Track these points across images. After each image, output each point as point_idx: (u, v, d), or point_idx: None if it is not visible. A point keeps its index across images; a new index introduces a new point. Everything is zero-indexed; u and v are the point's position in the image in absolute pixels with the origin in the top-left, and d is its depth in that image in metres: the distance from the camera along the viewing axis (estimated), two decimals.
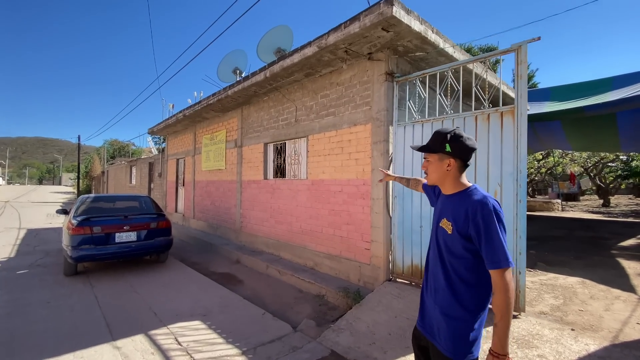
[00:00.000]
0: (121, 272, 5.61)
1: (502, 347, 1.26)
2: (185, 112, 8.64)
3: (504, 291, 1.26)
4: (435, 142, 1.50)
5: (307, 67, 4.98)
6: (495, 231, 1.30)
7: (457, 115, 3.73)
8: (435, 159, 1.51)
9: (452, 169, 1.48)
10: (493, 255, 1.29)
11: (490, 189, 3.43)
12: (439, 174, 1.51)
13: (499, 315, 1.27)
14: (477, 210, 1.34)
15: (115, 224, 5.29)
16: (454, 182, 1.50)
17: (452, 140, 1.46)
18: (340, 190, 4.91)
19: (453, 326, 1.39)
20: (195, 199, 9.84)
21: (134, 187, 16.86)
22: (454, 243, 1.41)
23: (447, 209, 1.49)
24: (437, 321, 1.46)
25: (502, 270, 1.27)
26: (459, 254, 1.41)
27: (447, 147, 1.46)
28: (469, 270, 1.39)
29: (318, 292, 4.57)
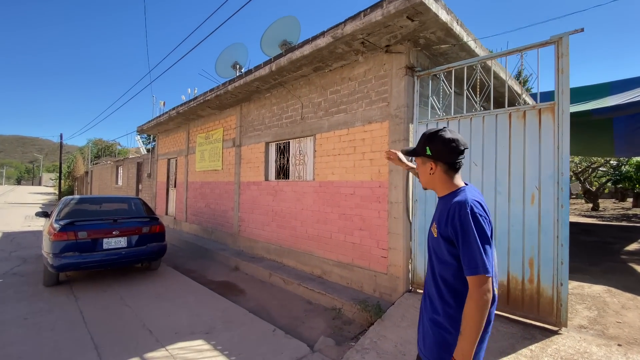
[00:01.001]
0: (108, 281, 5.10)
1: (463, 356, 1.19)
2: (179, 109, 8.16)
3: (475, 300, 1.18)
4: (418, 144, 1.42)
5: (318, 61, 4.63)
6: (472, 235, 1.21)
7: (487, 113, 3.44)
8: (420, 163, 1.44)
9: (436, 172, 1.39)
10: (469, 260, 1.21)
11: (527, 192, 3.15)
12: (425, 178, 1.43)
13: (464, 322, 1.20)
14: (455, 213, 1.26)
15: (103, 229, 4.79)
16: (443, 185, 1.41)
17: (429, 140, 1.37)
18: (352, 192, 4.57)
19: (439, 335, 1.32)
20: (188, 201, 9.32)
21: (120, 189, 16.09)
22: (440, 247, 1.35)
23: (436, 212, 1.44)
24: (425, 329, 1.40)
25: (478, 277, 1.19)
26: (443, 258, 1.33)
27: (427, 150, 1.37)
28: (455, 277, 1.31)
29: (330, 304, 4.19)
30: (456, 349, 1.22)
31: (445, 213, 1.32)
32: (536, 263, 3.09)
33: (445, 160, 1.37)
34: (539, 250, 3.07)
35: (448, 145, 1.35)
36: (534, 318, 3.10)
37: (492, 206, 3.34)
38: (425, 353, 1.37)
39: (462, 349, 1.20)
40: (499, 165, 3.33)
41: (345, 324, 3.74)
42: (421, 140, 1.42)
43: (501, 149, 3.33)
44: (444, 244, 1.32)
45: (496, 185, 3.34)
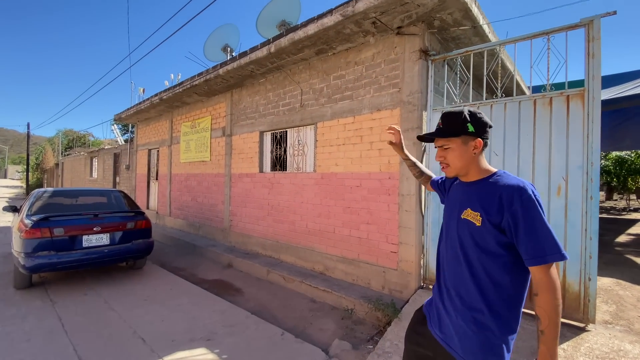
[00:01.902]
0: (89, 282, 4.63)
1: (552, 357, 1.07)
2: (162, 95, 7.58)
3: (552, 290, 1.07)
4: (454, 124, 1.28)
5: (322, 42, 4.29)
6: (539, 219, 1.10)
7: (509, 100, 3.25)
8: (457, 144, 1.29)
9: (479, 150, 1.29)
10: (537, 248, 1.08)
11: (553, 183, 2.99)
12: (465, 160, 1.29)
13: (546, 320, 1.08)
14: (514, 197, 1.14)
15: (83, 225, 4.31)
16: (479, 167, 1.30)
17: (472, 117, 1.27)
18: (358, 185, 4.30)
19: (483, 336, 1.19)
20: (172, 195, 8.78)
21: (95, 181, 15.13)
22: (486, 237, 1.19)
23: (470, 198, 1.28)
24: (457, 329, 1.25)
25: (548, 266, 1.08)
26: (492, 250, 1.18)
27: (470, 127, 1.26)
28: (504, 270, 1.18)
29: (337, 302, 3.94)
30: (540, 351, 1.09)
31: (496, 198, 1.19)
32: None
33: (486, 137, 1.30)
34: (565, 244, 2.92)
35: (484, 120, 1.29)
36: (561, 315, 2.96)
37: None
38: (464, 356, 1.23)
39: (549, 350, 1.07)
40: (522, 155, 3.15)
41: (356, 324, 3.51)
42: (456, 119, 1.28)
43: (524, 138, 3.15)
44: (494, 233, 1.18)
45: (519, 176, 3.15)
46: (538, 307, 1.11)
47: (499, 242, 1.18)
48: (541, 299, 1.10)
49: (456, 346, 1.26)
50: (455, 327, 1.27)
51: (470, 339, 1.22)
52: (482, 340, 1.20)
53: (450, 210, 1.40)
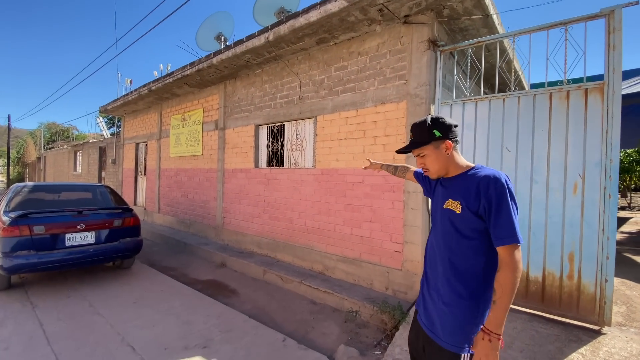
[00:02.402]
0: (72, 283, 4.34)
1: (497, 326, 1.20)
2: (151, 85, 7.22)
3: (512, 269, 1.20)
4: (422, 134, 1.42)
5: (324, 31, 4.07)
6: (507, 205, 1.24)
7: (523, 93, 3.10)
8: (430, 150, 1.42)
9: (451, 150, 1.40)
10: (501, 229, 1.22)
11: (569, 181, 2.86)
12: (441, 161, 1.42)
13: (499, 292, 1.21)
14: (489, 184, 1.27)
15: (66, 222, 4.01)
16: (456, 163, 1.43)
17: (434, 124, 1.40)
18: (360, 181, 4.12)
19: (456, 315, 1.31)
20: (160, 190, 8.44)
21: (79, 176, 14.55)
22: (464, 223, 1.32)
23: (451, 190, 1.41)
24: (439, 313, 1.36)
25: (513, 246, 1.21)
26: (469, 235, 1.31)
27: (436, 133, 1.38)
28: (477, 252, 1.30)
29: (339, 304, 3.77)
30: (489, 318, 1.22)
31: (474, 187, 1.31)
32: (577, 258, 2.83)
33: (453, 137, 1.40)
34: (580, 244, 2.81)
35: (447, 123, 1.39)
36: (573, 317, 2.86)
37: (527, 196, 3.04)
38: (448, 340, 1.33)
39: (497, 318, 1.20)
40: (536, 152, 3.02)
41: (360, 327, 3.34)
42: (422, 129, 1.42)
43: (539, 134, 3.01)
44: (472, 217, 1.30)
45: (532, 174, 3.03)
46: (496, 281, 1.23)
47: (476, 227, 1.30)
48: (500, 275, 1.22)
49: (437, 330, 1.37)
50: (438, 312, 1.37)
51: (449, 321, 1.33)
52: (460, 321, 1.31)
53: (435, 203, 1.52)
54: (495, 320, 1.21)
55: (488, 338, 1.21)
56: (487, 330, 1.22)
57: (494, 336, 1.20)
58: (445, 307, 1.34)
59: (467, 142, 3.38)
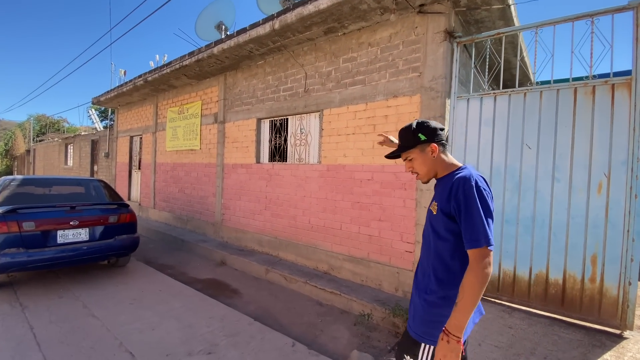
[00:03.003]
0: (64, 282, 4.11)
1: (456, 328, 1.19)
2: (147, 76, 6.95)
3: (475, 272, 1.18)
4: (407, 139, 1.45)
5: (333, 19, 3.88)
6: (476, 208, 1.21)
7: (546, 88, 2.96)
8: (417, 154, 1.45)
9: (437, 152, 1.42)
10: (472, 233, 1.21)
11: (593, 180, 2.74)
12: (428, 164, 1.45)
13: (461, 294, 1.20)
14: (459, 187, 1.27)
15: (58, 218, 3.78)
16: (444, 165, 1.44)
17: (419, 128, 1.42)
18: (369, 178, 3.96)
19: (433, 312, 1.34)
20: (156, 185, 8.19)
21: (70, 170, 14.14)
22: (439, 223, 1.36)
23: (437, 191, 1.45)
24: (415, 305, 1.43)
25: (480, 250, 1.19)
26: (442, 235, 1.34)
27: (421, 136, 1.41)
28: (452, 254, 1.33)
29: (346, 305, 3.62)
30: (449, 320, 1.21)
31: (448, 189, 1.32)
32: (600, 260, 2.72)
33: (439, 140, 1.41)
34: (604, 246, 2.70)
35: (432, 126, 1.41)
36: (594, 321, 2.75)
37: (549, 195, 2.91)
38: (415, 330, 1.39)
39: (457, 320, 1.19)
40: (558, 149, 2.89)
41: (371, 330, 3.20)
42: (407, 134, 1.45)
43: (562, 130, 2.88)
44: (444, 219, 1.33)
45: (554, 172, 2.90)
46: (461, 283, 1.22)
47: (448, 228, 1.32)
48: (465, 278, 1.21)
49: (410, 318, 1.44)
50: (414, 303, 1.44)
51: (419, 312, 1.39)
52: (430, 317, 1.34)
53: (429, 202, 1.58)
54: (454, 321, 1.19)
55: (447, 339, 1.20)
56: (447, 331, 1.21)
57: (453, 338, 1.19)
58: (419, 300, 1.40)
59: (484, 138, 3.24)
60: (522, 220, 3.03)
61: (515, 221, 3.06)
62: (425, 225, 1.50)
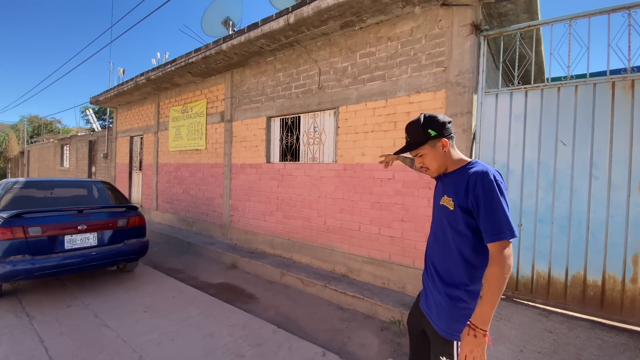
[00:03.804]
0: (71, 289, 3.93)
1: (483, 322, 1.19)
2: (149, 74, 6.74)
3: (499, 265, 1.18)
4: (416, 135, 1.43)
5: (352, 13, 3.73)
6: (497, 201, 1.22)
7: (581, 82, 2.85)
8: (428, 150, 1.44)
9: (447, 147, 1.42)
10: (493, 226, 1.21)
11: (634, 177, 2.63)
12: (439, 160, 1.44)
13: (486, 287, 1.19)
14: (477, 181, 1.27)
15: (65, 223, 3.59)
16: (454, 159, 1.44)
17: (428, 123, 1.41)
18: (390, 177, 3.83)
19: (454, 307, 1.35)
20: (159, 187, 7.98)
21: (67, 171, 13.82)
22: (457, 220, 1.34)
23: (448, 185, 1.43)
24: (437, 302, 1.41)
25: (502, 242, 1.20)
26: (462, 231, 1.33)
27: (431, 132, 1.40)
28: (473, 250, 1.33)
29: (370, 310, 3.48)
30: (475, 313, 1.21)
31: (464, 184, 1.32)
32: None
33: (448, 134, 1.41)
34: None
35: (441, 120, 1.40)
36: (636, 323, 2.64)
37: (586, 194, 2.80)
38: (445, 329, 1.37)
39: (483, 313, 1.19)
40: (596, 145, 2.78)
41: (399, 336, 3.06)
42: (416, 130, 1.43)
43: (600, 126, 2.76)
44: (462, 215, 1.32)
45: (591, 169, 2.79)
46: (484, 276, 1.21)
47: (467, 224, 1.32)
48: (488, 271, 1.21)
49: (434, 316, 1.43)
50: (435, 301, 1.43)
51: (444, 309, 1.38)
52: (455, 312, 1.34)
53: (435, 198, 1.55)
54: (480, 315, 1.19)
55: (473, 333, 1.19)
56: (473, 325, 1.20)
57: (480, 332, 1.18)
58: (440, 297, 1.40)
59: (515, 134, 3.11)
60: (557, 220, 2.91)
61: (550, 220, 2.94)
62: (436, 219, 1.49)
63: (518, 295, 3.12)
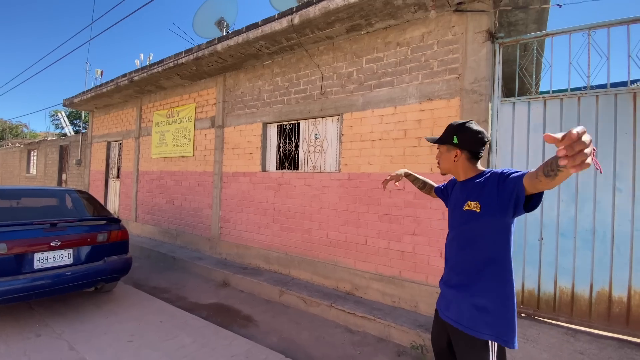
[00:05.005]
0: (40, 314, 3.42)
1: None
2: (133, 75, 6.30)
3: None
4: (446, 133, 1.54)
5: (361, 16, 3.57)
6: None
7: (602, 92, 2.78)
8: (444, 150, 1.57)
9: (460, 159, 1.51)
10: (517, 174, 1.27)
11: None
12: (448, 164, 1.57)
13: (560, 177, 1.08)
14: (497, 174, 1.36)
15: (36, 238, 3.12)
16: (466, 170, 1.52)
17: (460, 130, 1.48)
18: (401, 188, 3.64)
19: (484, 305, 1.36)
20: (139, 196, 7.43)
21: (33, 179, 12.78)
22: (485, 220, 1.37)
23: (468, 192, 1.47)
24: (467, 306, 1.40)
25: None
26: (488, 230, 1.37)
27: (455, 139, 1.49)
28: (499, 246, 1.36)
29: (383, 333, 3.22)
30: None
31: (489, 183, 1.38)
32: None
33: (471, 149, 1.49)
34: None
35: (475, 135, 1.47)
36: None
37: (610, 206, 2.70)
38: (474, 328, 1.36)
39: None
40: (619, 157, 2.70)
41: None
42: (449, 129, 1.53)
43: (622, 137, 2.70)
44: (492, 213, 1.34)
45: (615, 181, 2.70)
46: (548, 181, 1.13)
47: (495, 221, 1.34)
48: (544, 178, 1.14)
49: (463, 320, 1.40)
50: (462, 306, 1.42)
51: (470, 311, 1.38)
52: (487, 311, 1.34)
53: (454, 207, 1.59)
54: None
55: None
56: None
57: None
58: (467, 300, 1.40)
59: (534, 144, 3.01)
60: (581, 233, 2.80)
61: (573, 234, 2.83)
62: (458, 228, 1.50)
63: (540, 313, 2.97)
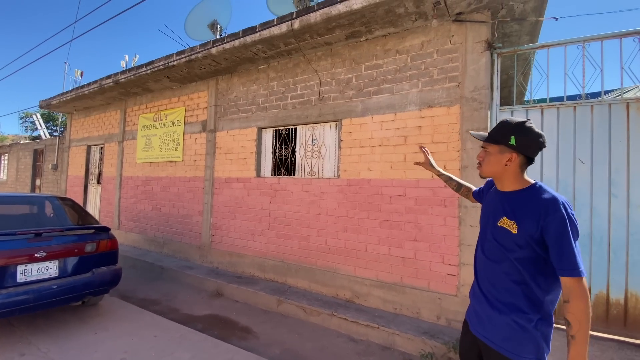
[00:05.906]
0: (21, 331, 3.16)
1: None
2: (119, 76, 6.05)
3: (583, 298, 1.15)
4: (499, 131, 1.35)
5: (361, 23, 3.59)
6: (570, 236, 1.17)
7: (597, 102, 2.91)
8: (495, 151, 1.35)
9: (513, 165, 1.33)
10: (569, 262, 1.16)
11: None
12: (496, 168, 1.36)
13: (577, 325, 1.14)
14: (548, 210, 1.21)
15: (18, 249, 2.89)
16: (514, 178, 1.35)
17: (519, 131, 1.29)
18: (401, 194, 3.64)
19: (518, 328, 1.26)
20: (122, 203, 7.11)
21: (4, 184, 11.99)
22: (520, 244, 1.27)
23: (506, 207, 1.34)
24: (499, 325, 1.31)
25: (582, 278, 1.16)
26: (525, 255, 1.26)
27: (512, 140, 1.29)
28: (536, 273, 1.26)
29: (387, 341, 3.19)
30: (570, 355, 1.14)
31: (534, 210, 1.25)
32: None
33: (527, 154, 1.32)
34: None
35: (537, 139, 1.29)
36: None
37: (605, 212, 2.81)
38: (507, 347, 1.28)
39: (579, 354, 1.13)
40: (614, 164, 2.82)
41: None
42: (504, 128, 1.33)
43: (616, 145, 2.82)
44: (529, 240, 1.24)
45: (610, 187, 2.81)
46: (569, 313, 1.16)
47: (532, 249, 1.24)
48: (572, 306, 1.16)
49: (497, 339, 1.31)
50: (495, 323, 1.33)
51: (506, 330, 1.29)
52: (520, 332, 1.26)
53: (486, 216, 1.46)
54: (578, 355, 1.13)
55: None
56: None
57: None
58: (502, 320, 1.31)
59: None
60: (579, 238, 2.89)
61: None
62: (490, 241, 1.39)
63: None
